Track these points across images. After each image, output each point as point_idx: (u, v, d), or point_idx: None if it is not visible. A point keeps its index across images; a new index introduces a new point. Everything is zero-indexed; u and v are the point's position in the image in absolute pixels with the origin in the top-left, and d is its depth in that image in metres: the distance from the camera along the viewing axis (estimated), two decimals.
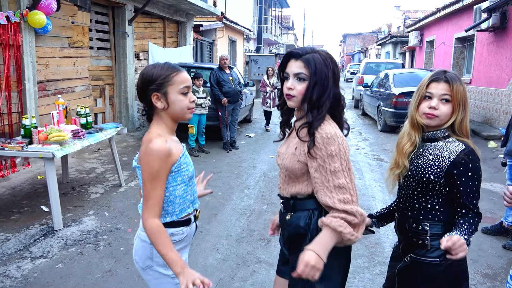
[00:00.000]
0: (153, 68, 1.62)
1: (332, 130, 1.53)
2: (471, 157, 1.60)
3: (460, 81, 1.64)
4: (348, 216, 1.49)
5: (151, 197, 1.53)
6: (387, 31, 31.20)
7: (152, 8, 9.37)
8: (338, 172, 1.50)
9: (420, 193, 1.68)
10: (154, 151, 1.52)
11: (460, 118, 1.65)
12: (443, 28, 14.24)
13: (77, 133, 4.28)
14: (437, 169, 1.62)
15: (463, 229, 1.55)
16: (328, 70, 1.59)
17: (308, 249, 1.48)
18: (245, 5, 23.22)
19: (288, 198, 1.68)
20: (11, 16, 5.17)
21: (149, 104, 1.62)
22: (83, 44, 7.17)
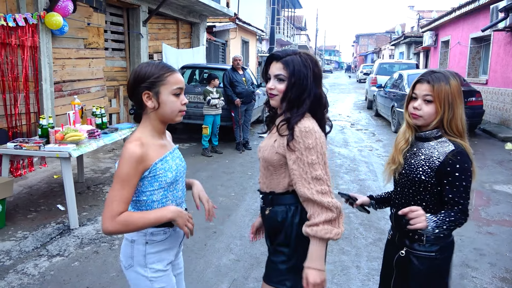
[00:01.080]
0: (147, 66, 1.59)
1: (310, 125, 1.61)
2: (459, 158, 1.61)
3: (447, 81, 1.66)
4: (327, 214, 1.56)
5: (116, 199, 1.48)
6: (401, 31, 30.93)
7: (166, 9, 9.45)
8: (315, 164, 1.58)
9: (414, 191, 1.72)
10: (125, 155, 1.50)
11: (448, 118, 1.66)
12: (459, 28, 14.05)
13: (93, 133, 4.33)
14: (428, 170, 1.66)
15: (439, 215, 1.57)
16: (308, 70, 1.66)
17: (308, 268, 1.57)
18: (258, 6, 23.26)
19: (267, 193, 1.75)
20: (29, 18, 5.26)
21: (139, 103, 1.59)
22: (98, 45, 7.26)
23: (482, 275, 3.26)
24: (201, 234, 3.85)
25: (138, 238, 1.64)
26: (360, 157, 7.41)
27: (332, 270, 3.28)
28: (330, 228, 1.55)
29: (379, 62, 17.01)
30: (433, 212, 1.65)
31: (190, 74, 9.06)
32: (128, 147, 1.51)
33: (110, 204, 1.48)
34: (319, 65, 1.75)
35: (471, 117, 8.96)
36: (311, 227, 1.57)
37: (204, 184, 5.37)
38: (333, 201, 1.57)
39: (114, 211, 1.47)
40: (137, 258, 1.64)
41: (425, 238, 1.68)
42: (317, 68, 1.71)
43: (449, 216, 1.57)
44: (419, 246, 1.70)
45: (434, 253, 1.67)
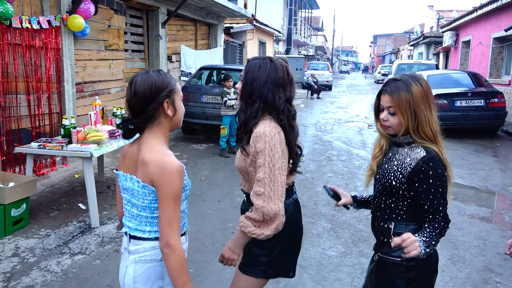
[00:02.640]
0: (156, 75, 1.56)
1: (262, 129, 1.68)
2: (431, 164, 1.58)
3: (407, 89, 1.62)
4: (253, 215, 1.68)
5: (175, 218, 1.48)
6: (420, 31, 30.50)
7: (185, 11, 9.53)
8: (260, 166, 1.66)
9: (386, 195, 1.73)
10: (174, 171, 1.48)
11: (413, 126, 1.63)
12: (480, 27, 13.77)
13: (113, 133, 4.39)
14: (399, 175, 1.65)
15: (425, 232, 1.56)
16: (261, 73, 1.74)
17: (225, 246, 1.81)
18: (275, 7, 23.26)
19: (248, 193, 1.82)
20: (52, 20, 5.37)
21: (151, 115, 1.54)
22: (118, 46, 7.37)
23: (507, 281, 3.19)
24: (219, 235, 3.87)
25: None
26: None
27: (351, 273, 3.26)
28: (248, 224, 1.71)
29: (398, 63, 16.80)
30: (404, 217, 1.67)
31: (208, 75, 9.11)
32: (172, 161, 1.49)
33: (170, 223, 1.47)
34: (280, 71, 1.77)
35: (494, 119, 8.80)
36: (243, 216, 1.76)
37: (222, 185, 5.42)
38: (263, 205, 1.64)
39: (178, 231, 1.49)
40: (167, 278, 1.56)
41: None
42: (276, 74, 1.75)
43: (435, 229, 1.56)
44: (388, 250, 1.69)
45: (399, 258, 1.62)
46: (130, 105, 1.57)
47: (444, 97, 8.76)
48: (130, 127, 1.57)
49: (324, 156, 7.37)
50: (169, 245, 1.47)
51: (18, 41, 4.88)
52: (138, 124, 1.57)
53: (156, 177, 1.49)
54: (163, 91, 1.54)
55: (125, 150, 1.67)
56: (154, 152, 1.52)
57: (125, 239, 1.64)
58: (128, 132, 1.59)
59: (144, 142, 1.57)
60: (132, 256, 1.59)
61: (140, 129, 1.59)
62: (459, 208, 4.75)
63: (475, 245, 3.80)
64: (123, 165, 1.64)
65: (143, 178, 1.52)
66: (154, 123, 1.57)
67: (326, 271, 3.28)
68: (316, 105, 16.14)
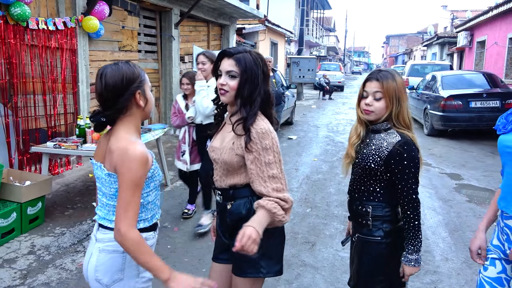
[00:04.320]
0: (126, 66, 1.57)
1: (266, 126, 1.69)
2: (405, 148, 1.77)
3: (393, 78, 1.81)
4: (281, 201, 1.65)
5: (132, 206, 1.46)
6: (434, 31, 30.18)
7: (197, 12, 9.57)
8: (271, 163, 1.66)
9: (364, 178, 1.87)
10: (136, 158, 1.48)
11: (396, 111, 1.82)
12: (496, 27, 13.57)
13: None
14: (377, 158, 1.81)
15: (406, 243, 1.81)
16: (258, 68, 1.72)
17: (247, 226, 1.60)
18: (287, 8, 23.24)
19: (227, 188, 1.79)
20: (68, 22, 5.45)
21: (123, 106, 1.55)
22: (132, 47, 7.44)
23: None
24: None
25: None
26: None
27: None
28: (279, 207, 1.64)
29: (411, 63, 16.64)
30: (380, 199, 1.84)
31: None
32: (134, 149, 1.49)
33: (125, 211, 1.45)
34: (267, 64, 1.81)
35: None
36: (264, 200, 1.65)
37: None
38: (287, 196, 1.68)
39: (132, 218, 1.46)
40: (129, 270, 1.58)
41: (371, 223, 1.84)
42: (265, 67, 1.77)
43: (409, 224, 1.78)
44: (366, 231, 1.86)
45: (379, 237, 1.82)
46: (101, 98, 1.56)
47: (458, 98, 8.66)
48: (102, 120, 1.56)
49: (337, 157, 7.33)
50: (119, 231, 1.43)
51: (34, 42, 4.96)
52: (109, 116, 1.56)
53: (118, 164, 1.49)
54: (134, 82, 1.55)
55: (99, 141, 1.71)
56: (121, 141, 1.53)
57: (96, 226, 1.67)
58: (100, 125, 1.59)
59: (114, 133, 1.57)
60: (98, 244, 1.60)
61: (112, 121, 1.58)
62: (474, 210, 4.69)
63: None
64: (96, 155, 1.66)
65: (109, 166, 1.54)
66: (126, 114, 1.57)
67: (339, 273, 3.27)
68: (328, 106, 16.08)
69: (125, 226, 1.44)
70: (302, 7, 23.87)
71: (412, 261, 1.78)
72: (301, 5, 24.01)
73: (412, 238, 1.78)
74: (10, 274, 3.11)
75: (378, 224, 1.83)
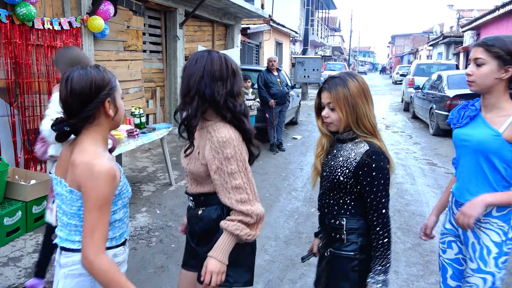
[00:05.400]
0: (95, 72, 1.43)
1: (227, 134, 1.60)
2: (373, 157, 1.63)
3: (344, 85, 1.67)
4: (245, 217, 1.60)
5: (99, 227, 1.34)
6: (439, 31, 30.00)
7: (202, 12, 9.58)
8: (235, 173, 1.59)
9: (333, 191, 1.75)
10: (103, 175, 1.34)
11: (353, 119, 1.67)
12: (503, 27, 13.47)
13: (132, 133, 4.45)
14: (346, 170, 1.68)
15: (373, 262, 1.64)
16: (197, 68, 1.63)
17: (210, 257, 1.61)
18: (292, 7, 23.21)
19: (198, 194, 1.75)
20: (73, 22, 5.47)
21: (89, 115, 1.42)
22: (137, 47, 7.46)
23: None
24: None
25: None
26: (396, 160, 7.22)
27: None
28: (242, 227, 1.60)
29: (417, 63, 16.55)
30: (353, 212, 1.70)
31: None
32: (101, 164, 1.36)
33: (91, 235, 1.33)
34: (217, 64, 1.65)
35: None
36: (225, 221, 1.62)
37: None
38: (252, 209, 1.60)
39: (99, 243, 1.34)
40: None
41: (346, 237, 1.70)
42: (212, 67, 1.63)
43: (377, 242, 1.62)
44: (339, 246, 1.72)
45: (352, 252, 1.68)
46: (65, 105, 1.41)
47: (464, 98, 8.59)
48: (66, 129, 1.42)
49: None
50: (86, 258, 1.33)
51: (40, 42, 4.99)
52: (74, 125, 1.42)
53: (82, 180, 1.36)
54: (104, 89, 1.42)
55: (60, 153, 1.55)
56: (85, 154, 1.39)
57: (58, 250, 1.51)
58: (63, 135, 1.45)
59: (78, 144, 1.43)
60: (62, 270, 1.46)
61: (76, 130, 1.45)
62: None
63: None
64: (57, 168, 1.52)
65: (71, 182, 1.40)
66: (93, 123, 1.44)
67: None
68: None
69: (92, 252, 1.32)
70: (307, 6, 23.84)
71: (380, 282, 1.61)
72: (306, 5, 23.98)
73: (380, 257, 1.62)
74: (15, 272, 3.12)
75: (353, 238, 1.69)
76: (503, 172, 1.78)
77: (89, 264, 1.33)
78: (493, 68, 1.73)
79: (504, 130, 1.74)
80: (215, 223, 1.69)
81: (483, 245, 1.81)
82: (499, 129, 1.75)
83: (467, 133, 1.86)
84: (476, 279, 1.83)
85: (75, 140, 1.47)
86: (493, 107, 1.79)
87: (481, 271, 1.82)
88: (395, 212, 4.57)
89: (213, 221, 1.70)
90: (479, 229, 1.83)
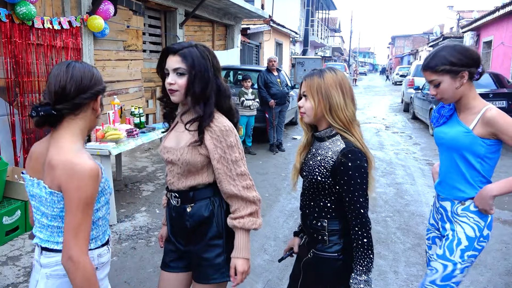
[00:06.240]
0: (96, 70, 1.47)
1: (228, 123, 1.63)
2: (350, 156, 1.60)
3: (320, 75, 1.67)
4: (252, 208, 1.63)
5: (82, 228, 1.30)
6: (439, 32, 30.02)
7: (202, 12, 9.58)
8: (238, 161, 1.62)
9: (314, 192, 1.72)
10: (85, 175, 1.30)
11: (326, 109, 1.65)
12: (503, 28, 13.46)
13: (131, 132, 4.44)
14: (323, 170, 1.66)
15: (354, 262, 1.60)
16: (207, 62, 1.62)
17: (236, 258, 1.64)
18: (292, 8, 23.21)
19: (187, 190, 1.68)
20: (73, 21, 5.47)
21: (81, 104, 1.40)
22: (137, 47, 7.45)
23: None
24: None
25: None
26: (396, 160, 7.22)
27: None
28: (254, 220, 1.64)
29: (417, 64, 16.54)
30: (333, 215, 1.67)
31: (224, 75, 9.15)
32: (82, 163, 1.31)
33: (75, 235, 1.29)
34: (216, 56, 1.70)
35: None
36: (238, 219, 1.62)
37: None
38: (256, 195, 1.66)
39: (83, 244, 1.31)
40: None
41: (328, 238, 1.68)
42: (215, 60, 1.67)
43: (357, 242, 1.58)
44: (322, 247, 1.70)
45: (336, 253, 1.66)
46: (62, 89, 1.36)
47: None
48: (53, 113, 1.35)
49: None
50: (71, 258, 1.29)
51: (40, 41, 4.98)
52: (60, 111, 1.36)
53: (62, 181, 1.31)
54: (100, 85, 1.45)
55: (32, 150, 1.47)
56: (64, 153, 1.34)
57: (37, 250, 1.48)
58: (45, 119, 1.36)
59: (55, 139, 1.38)
60: (44, 270, 1.43)
61: (55, 121, 1.39)
62: None
63: (497, 248, 3.71)
64: (30, 168, 1.45)
65: (51, 184, 1.35)
66: (78, 115, 1.41)
67: None
68: None
69: (77, 253, 1.29)
70: (307, 7, 23.86)
71: (361, 282, 1.58)
72: (306, 6, 24.00)
73: (360, 257, 1.59)
74: (14, 272, 3.12)
75: (335, 239, 1.67)
76: (478, 167, 1.87)
77: (75, 264, 1.29)
78: (449, 82, 1.83)
79: (473, 126, 1.84)
80: (208, 219, 1.67)
81: (456, 236, 1.89)
82: (469, 126, 1.85)
83: (443, 131, 1.97)
84: (437, 264, 1.91)
85: (51, 134, 1.42)
86: (464, 108, 1.90)
87: (444, 258, 1.89)
88: (395, 212, 4.57)
89: (205, 217, 1.67)
90: (456, 222, 1.92)
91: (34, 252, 1.54)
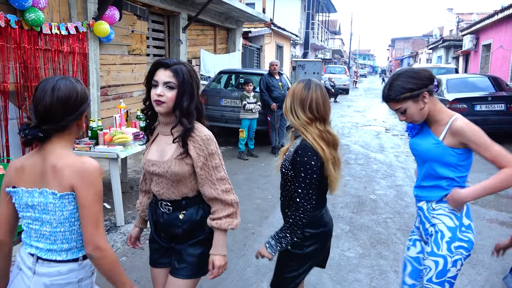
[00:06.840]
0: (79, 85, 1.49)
1: (207, 132, 1.78)
2: (299, 152, 1.87)
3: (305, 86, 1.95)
4: (229, 210, 1.79)
5: (101, 219, 1.43)
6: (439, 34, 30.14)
7: (205, 16, 9.70)
8: (218, 167, 1.78)
9: (285, 184, 2.01)
10: (95, 171, 1.43)
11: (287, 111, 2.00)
12: (501, 31, 13.59)
13: (138, 136, 4.54)
14: (287, 164, 1.95)
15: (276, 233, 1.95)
16: (193, 80, 1.75)
17: (214, 255, 1.80)
18: (293, 11, 23.36)
19: (179, 199, 1.82)
20: (79, 26, 5.59)
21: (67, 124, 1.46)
22: (141, 51, 7.57)
23: None
24: (239, 235, 3.97)
25: (85, 273, 1.51)
26: (397, 162, 7.32)
27: (369, 274, 3.31)
28: (231, 220, 1.80)
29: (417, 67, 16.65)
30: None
31: (226, 79, 9.25)
32: (90, 162, 1.44)
33: (97, 227, 1.41)
34: (198, 76, 1.91)
35: None
36: (216, 220, 1.78)
37: (242, 187, 5.52)
38: (234, 198, 1.81)
39: (104, 234, 1.44)
40: None
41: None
42: (198, 79, 1.83)
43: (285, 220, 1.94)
44: None
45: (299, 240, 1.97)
46: (48, 112, 1.41)
47: (463, 102, 8.69)
48: (40, 135, 1.42)
49: (342, 159, 7.36)
50: (99, 248, 1.40)
51: (48, 46, 5.10)
52: (45, 132, 1.42)
53: (76, 181, 1.40)
54: (85, 102, 1.49)
55: (19, 164, 1.49)
56: (66, 156, 1.44)
57: (28, 257, 1.50)
58: (32, 140, 1.42)
59: (49, 150, 1.45)
60: (42, 279, 1.45)
61: (44, 137, 1.44)
62: (478, 212, 4.74)
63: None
64: (22, 181, 1.46)
65: (60, 188, 1.41)
66: (65, 132, 1.48)
67: (345, 272, 3.35)
68: (333, 109, 16.04)
69: (102, 241, 1.41)
70: (307, 10, 23.99)
71: (271, 246, 1.92)
72: (307, 9, 24.13)
73: (281, 231, 1.91)
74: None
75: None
76: (452, 175, 1.94)
77: (102, 251, 1.41)
78: (413, 106, 1.92)
79: (443, 137, 1.92)
80: (200, 222, 1.83)
81: (438, 230, 1.95)
82: (439, 137, 1.93)
83: (417, 143, 2.05)
84: (429, 262, 1.96)
85: (39, 149, 1.47)
86: (433, 121, 1.98)
87: (434, 254, 1.94)
88: (395, 214, 4.67)
89: (198, 221, 1.82)
90: (434, 217, 1.99)
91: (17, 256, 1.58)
